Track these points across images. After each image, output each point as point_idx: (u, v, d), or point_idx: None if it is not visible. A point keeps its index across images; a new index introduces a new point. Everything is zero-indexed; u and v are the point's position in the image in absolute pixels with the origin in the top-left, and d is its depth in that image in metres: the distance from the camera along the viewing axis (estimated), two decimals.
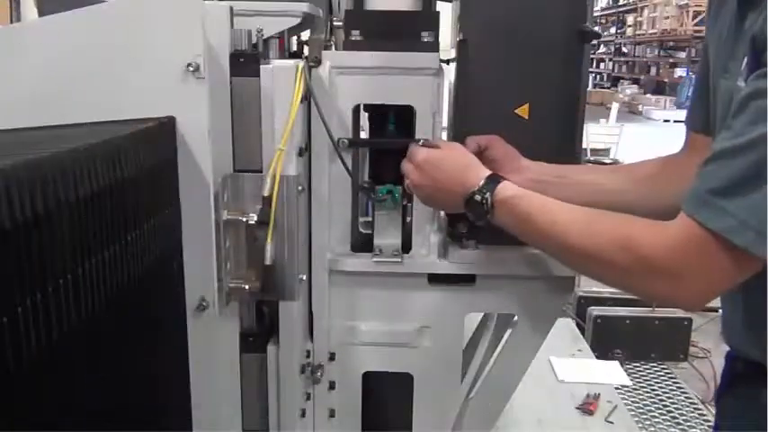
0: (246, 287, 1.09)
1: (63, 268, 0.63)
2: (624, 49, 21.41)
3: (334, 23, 1.33)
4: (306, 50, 1.21)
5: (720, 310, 1.04)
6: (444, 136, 1.22)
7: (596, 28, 1.37)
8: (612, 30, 21.89)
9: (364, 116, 1.29)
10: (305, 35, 1.40)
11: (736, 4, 0.91)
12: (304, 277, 1.19)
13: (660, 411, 2.62)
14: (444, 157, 1.08)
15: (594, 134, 7.38)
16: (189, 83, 0.92)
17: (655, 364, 3.04)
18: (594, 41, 1.35)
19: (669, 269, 0.83)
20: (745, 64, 0.83)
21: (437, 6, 1.23)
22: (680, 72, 16.82)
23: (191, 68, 0.91)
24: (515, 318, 1.27)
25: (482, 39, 1.14)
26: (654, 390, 2.79)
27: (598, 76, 22.73)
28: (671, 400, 2.71)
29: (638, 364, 3.02)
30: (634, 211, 0.95)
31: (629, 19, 20.25)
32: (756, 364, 0.95)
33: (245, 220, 1.07)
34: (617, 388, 2.38)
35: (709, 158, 0.82)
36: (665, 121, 13.57)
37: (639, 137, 9.39)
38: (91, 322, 0.68)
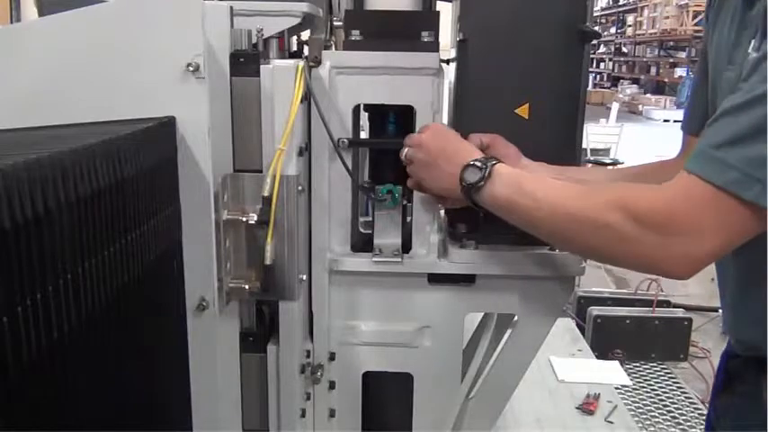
0: (246, 287, 1.09)
1: (63, 268, 0.63)
2: (624, 49, 21.42)
3: (334, 23, 1.33)
4: (306, 50, 1.21)
5: (720, 310, 1.04)
6: None
7: (596, 28, 1.37)
8: (612, 30, 21.91)
9: (364, 116, 1.29)
10: (305, 35, 1.40)
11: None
12: (304, 277, 1.19)
13: (660, 411, 2.62)
14: (450, 130, 1.12)
15: (594, 134, 7.39)
16: (189, 83, 0.92)
17: (655, 364, 3.04)
18: (594, 41, 1.35)
19: (665, 227, 0.81)
20: (758, 37, 0.82)
21: (437, 6, 1.23)
22: (680, 72, 16.83)
23: (191, 68, 0.91)
24: (515, 318, 1.27)
25: (482, 39, 1.14)
26: (654, 390, 2.79)
27: (598, 76, 22.74)
28: (671, 400, 2.71)
29: (638, 364, 3.03)
30: None
31: (629, 19, 20.27)
32: (755, 362, 0.95)
33: (245, 220, 1.07)
34: (617, 388, 2.38)
35: (714, 118, 0.81)
36: (665, 120, 13.59)
37: (639, 137, 9.40)
38: (91, 322, 0.68)
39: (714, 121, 0.81)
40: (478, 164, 0.99)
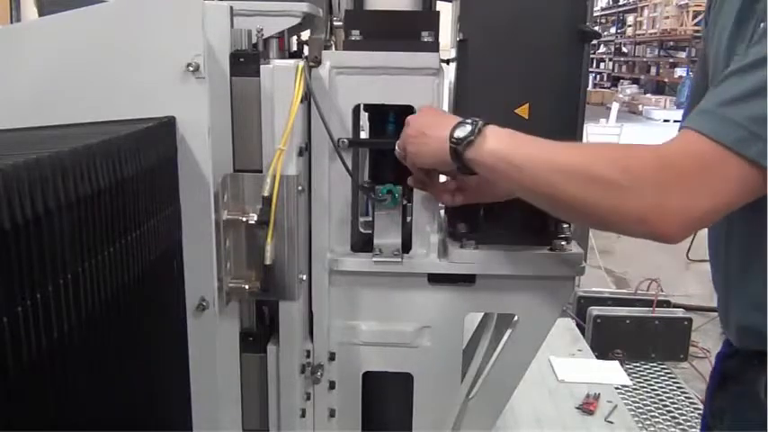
0: (246, 287, 1.09)
1: (63, 268, 0.63)
2: (624, 49, 21.40)
3: (334, 23, 1.33)
4: (306, 50, 1.21)
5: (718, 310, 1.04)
6: None
7: (596, 28, 1.37)
8: (612, 30, 21.89)
9: (364, 116, 1.29)
10: (305, 35, 1.40)
11: None
12: (304, 277, 1.19)
13: (660, 411, 2.62)
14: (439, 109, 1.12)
15: (594, 134, 7.38)
16: (189, 83, 0.92)
17: (655, 364, 3.03)
18: (594, 41, 1.35)
19: (661, 182, 0.78)
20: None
21: (437, 6, 1.24)
22: (680, 72, 16.81)
23: (191, 68, 0.91)
24: (515, 318, 1.27)
25: (482, 39, 1.14)
26: (654, 390, 2.79)
27: (598, 76, 22.73)
28: (671, 400, 2.71)
29: (638, 364, 3.02)
30: None
31: (629, 19, 20.25)
32: (753, 360, 0.94)
33: (245, 220, 1.07)
34: (617, 388, 2.38)
35: (719, 80, 0.80)
36: (665, 120, 13.57)
37: (639, 137, 9.40)
38: (91, 322, 0.68)
39: (720, 82, 0.79)
40: (469, 120, 0.97)
